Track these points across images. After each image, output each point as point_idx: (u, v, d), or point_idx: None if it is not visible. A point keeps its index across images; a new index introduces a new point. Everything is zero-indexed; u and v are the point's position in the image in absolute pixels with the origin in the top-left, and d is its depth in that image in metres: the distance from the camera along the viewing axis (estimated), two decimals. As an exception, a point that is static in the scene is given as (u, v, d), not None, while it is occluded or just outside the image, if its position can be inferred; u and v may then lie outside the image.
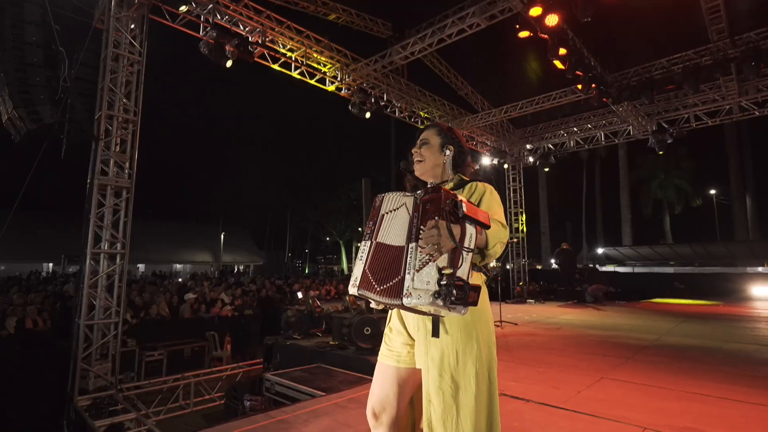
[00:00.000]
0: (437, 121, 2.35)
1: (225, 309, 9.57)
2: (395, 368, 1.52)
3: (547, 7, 6.30)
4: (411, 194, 1.39)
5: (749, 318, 8.18)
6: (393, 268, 1.33)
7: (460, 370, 1.36)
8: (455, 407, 1.34)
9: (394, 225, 1.39)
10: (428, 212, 1.29)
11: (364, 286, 1.41)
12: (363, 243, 1.49)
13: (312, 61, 8.84)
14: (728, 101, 10.28)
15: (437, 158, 1.65)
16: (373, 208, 1.52)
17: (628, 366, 4.23)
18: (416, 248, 1.28)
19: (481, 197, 1.51)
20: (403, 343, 1.53)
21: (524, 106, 11.21)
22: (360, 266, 1.46)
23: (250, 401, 4.89)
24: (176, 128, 39.98)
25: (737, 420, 2.79)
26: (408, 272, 1.27)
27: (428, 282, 1.22)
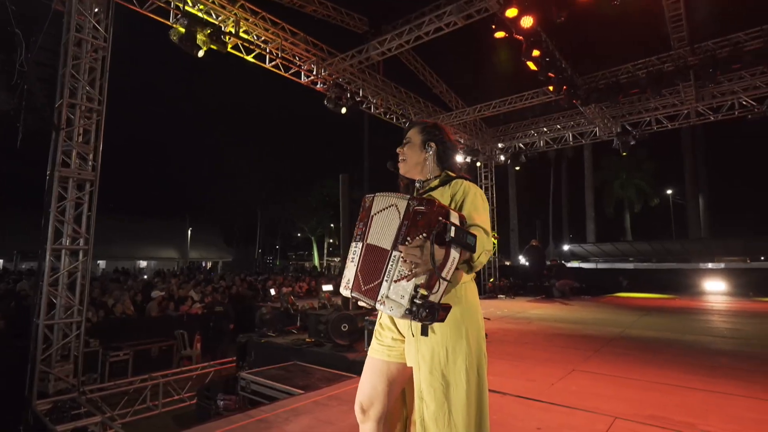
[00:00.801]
0: (422, 119, 2.31)
1: (195, 307, 9.30)
2: (385, 363, 1.52)
3: (523, 8, 6.43)
4: (404, 197, 1.37)
5: (703, 311, 8.70)
6: (377, 269, 1.34)
7: (450, 367, 1.36)
8: (447, 404, 1.35)
9: (384, 225, 1.38)
10: (418, 225, 1.27)
11: (356, 288, 1.42)
12: (354, 244, 1.49)
13: (287, 54, 8.67)
14: (686, 106, 10.85)
15: (419, 156, 1.64)
16: (362, 208, 1.51)
17: (596, 358, 4.41)
18: (398, 258, 1.28)
19: (465, 198, 1.48)
20: (393, 338, 1.53)
21: (497, 105, 11.43)
22: (352, 268, 1.46)
23: (224, 401, 4.78)
24: (143, 119, 38.39)
25: (698, 407, 2.96)
26: (386, 279, 1.29)
27: (402, 296, 1.24)
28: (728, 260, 18.67)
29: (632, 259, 22.22)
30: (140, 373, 6.80)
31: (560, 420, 2.75)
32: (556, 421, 2.73)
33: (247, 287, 12.04)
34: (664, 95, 10.49)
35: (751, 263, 18.15)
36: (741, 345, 5.14)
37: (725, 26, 8.19)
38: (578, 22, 7.57)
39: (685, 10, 7.46)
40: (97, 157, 5.77)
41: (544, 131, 13.33)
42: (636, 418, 2.75)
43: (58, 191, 5.37)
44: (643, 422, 2.67)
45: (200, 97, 46.94)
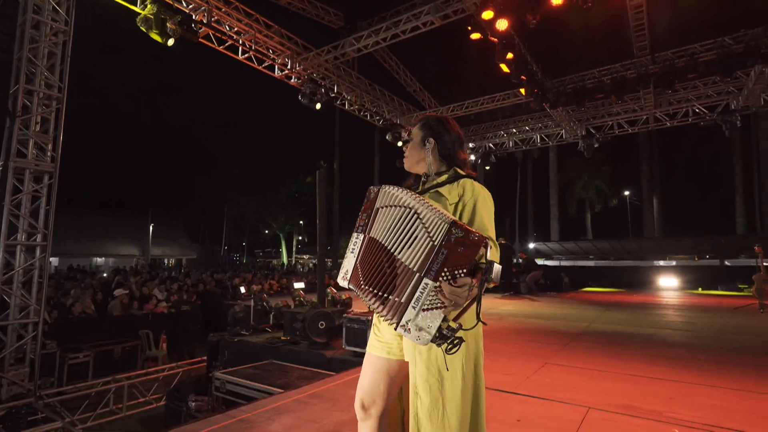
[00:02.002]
0: (426, 114, 2.27)
1: (160, 306, 8.95)
2: (386, 360, 1.51)
3: (499, 11, 6.58)
4: (440, 216, 1.25)
5: (659, 305, 9.23)
6: (389, 280, 1.28)
7: (447, 363, 1.36)
8: (442, 400, 1.35)
9: (399, 231, 1.30)
10: (460, 258, 1.19)
11: (354, 281, 1.40)
12: (355, 235, 1.45)
13: (261, 47, 8.48)
14: (645, 112, 11.45)
15: (419, 153, 1.62)
16: (367, 199, 1.48)
17: (566, 351, 4.59)
18: (431, 287, 1.20)
19: (476, 203, 1.43)
20: (393, 334, 1.52)
21: (470, 105, 11.64)
22: (351, 259, 1.43)
23: (196, 402, 4.64)
24: (105, 109, 36.43)
25: (664, 395, 3.15)
26: (413, 305, 1.21)
27: (430, 326, 1.19)
28: (679, 258, 19.87)
29: (592, 257, 23.23)
30: (102, 375, 6.49)
31: (538, 411, 2.84)
32: (535, 412, 2.83)
33: (216, 285, 11.70)
34: (625, 101, 11.04)
35: (698, 261, 19.40)
36: (695, 337, 5.49)
37: (683, 38, 8.69)
38: (549, 28, 7.84)
39: (647, 21, 7.86)
40: (57, 148, 5.44)
41: (513, 132, 13.71)
42: (608, 407, 2.89)
43: (13, 183, 5.02)
44: (615, 411, 2.81)
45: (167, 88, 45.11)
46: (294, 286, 10.48)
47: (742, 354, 4.50)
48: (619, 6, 7.47)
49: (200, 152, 39.98)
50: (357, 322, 4.36)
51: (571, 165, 29.76)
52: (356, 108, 11.21)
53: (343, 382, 3.53)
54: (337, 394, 3.24)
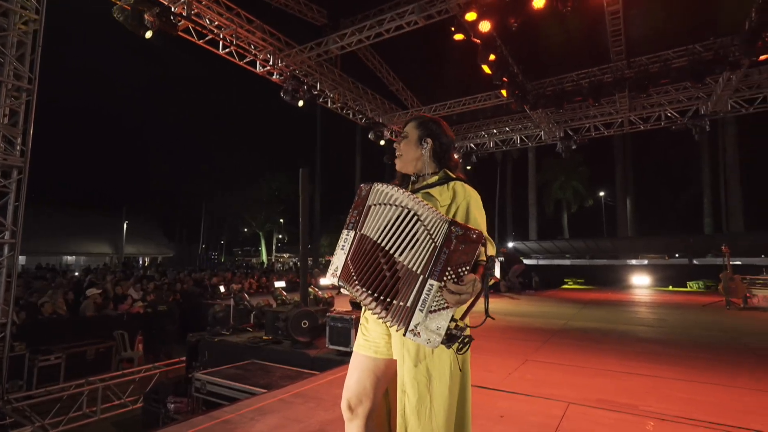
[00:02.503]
0: (420, 113, 2.27)
1: (136, 305, 8.71)
2: (373, 359, 1.50)
3: (482, 13, 6.66)
4: (439, 216, 1.26)
5: (632, 303, 9.54)
6: (393, 283, 1.26)
7: (435, 360, 1.37)
8: (429, 397, 1.35)
9: (397, 231, 1.29)
10: (462, 256, 1.20)
11: (345, 278, 1.38)
12: (346, 232, 1.42)
13: (242, 42, 8.34)
14: (621, 115, 11.79)
15: (415, 152, 1.59)
16: (358, 196, 1.45)
17: (546, 348, 4.70)
18: (436, 288, 1.20)
19: (468, 205, 1.45)
20: (381, 333, 1.51)
21: (452, 105, 11.73)
22: (342, 256, 1.40)
23: (175, 403, 4.54)
24: (78, 101, 35.12)
25: (638, 390, 3.26)
26: (420, 308, 1.20)
27: (439, 328, 1.19)
28: (650, 257, 20.57)
29: (569, 256, 23.80)
30: (74, 377, 6.27)
31: (521, 407, 2.90)
32: (517, 408, 2.89)
33: (194, 284, 11.46)
34: (602, 104, 11.34)
35: (669, 260, 20.13)
36: (667, 333, 5.71)
37: (657, 44, 8.98)
38: (530, 31, 7.98)
39: (624, 26, 8.09)
40: (27, 142, 5.23)
41: (494, 133, 13.90)
42: (586, 402, 2.97)
43: (-20, 178, 4.80)
44: (593, 406, 2.90)
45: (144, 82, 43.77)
46: (275, 285, 10.38)
47: (710, 349, 4.70)
48: (598, 12, 7.67)
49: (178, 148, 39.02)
50: (341, 320, 4.35)
51: (548, 166, 30.39)
52: (339, 106, 11.15)
53: (327, 381, 3.52)
54: (321, 393, 3.23)
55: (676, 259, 19.95)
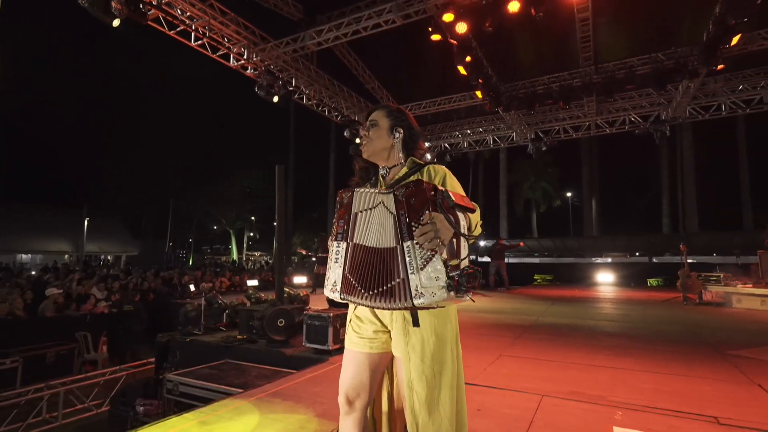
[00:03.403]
0: (386, 103, 2.26)
1: (99, 305, 8.35)
2: (368, 354, 1.51)
3: (459, 14, 6.75)
4: (387, 191, 1.33)
5: (598, 299, 9.94)
6: (386, 271, 1.28)
7: (440, 352, 1.40)
8: (438, 388, 1.38)
9: (374, 225, 1.33)
10: (416, 207, 1.25)
11: (347, 290, 1.37)
12: (336, 244, 1.42)
13: (215, 34, 8.12)
14: (588, 119, 12.24)
15: (386, 140, 1.58)
16: (340, 205, 1.45)
17: (519, 343, 4.84)
18: (413, 246, 1.24)
19: (444, 180, 1.49)
20: (375, 330, 1.52)
21: (427, 105, 11.85)
22: (338, 270, 1.40)
23: (145, 406, 4.39)
24: (36, 93, 33.15)
25: (606, 382, 3.41)
26: (411, 272, 1.23)
27: (437, 278, 1.21)
28: (614, 255, 21.48)
29: (537, 254, 24.52)
30: (33, 382, 5.95)
31: (497, 401, 2.98)
32: (493, 401, 2.96)
33: (162, 283, 11.09)
34: (571, 107, 11.74)
35: (630, 258, 21.07)
36: (631, 328, 5.98)
37: (623, 51, 9.37)
38: (504, 34, 8.16)
39: (593, 33, 8.40)
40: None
41: (467, 133, 14.14)
42: (559, 394, 3.08)
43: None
44: (565, 398, 3.01)
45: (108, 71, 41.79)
46: (247, 283, 10.19)
47: (670, 342, 4.96)
48: (569, 18, 7.93)
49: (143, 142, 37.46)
50: (318, 318, 4.32)
51: (519, 166, 31.20)
52: (314, 103, 11.05)
53: (306, 380, 3.49)
54: (300, 392, 3.21)
55: (637, 257, 20.92)
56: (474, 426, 2.53)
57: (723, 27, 7.15)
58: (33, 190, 31.25)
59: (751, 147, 23.44)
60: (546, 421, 2.59)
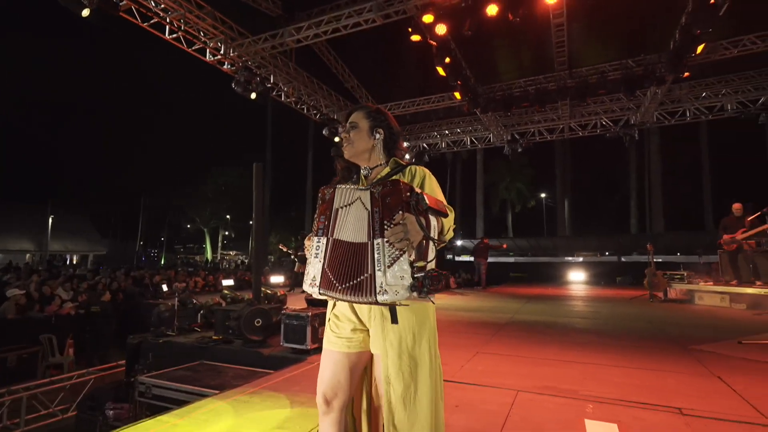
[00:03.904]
0: (366, 103, 2.28)
1: (66, 306, 8.02)
2: (346, 354, 1.51)
3: (438, 16, 6.82)
4: (365, 188, 1.37)
5: (570, 297, 10.24)
6: (356, 265, 1.31)
7: (416, 348, 1.41)
8: (414, 384, 1.40)
9: (350, 220, 1.36)
10: (390, 206, 1.28)
11: (326, 285, 1.38)
12: (317, 239, 1.43)
13: (191, 28, 7.93)
14: (562, 122, 12.57)
15: (367, 142, 1.59)
16: (322, 201, 1.46)
17: (495, 341, 4.93)
18: (383, 244, 1.27)
19: (423, 181, 1.52)
20: (353, 329, 1.52)
21: (407, 105, 11.90)
22: (317, 264, 1.40)
23: (115, 410, 4.26)
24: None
25: (578, 377, 3.52)
26: (378, 269, 1.26)
27: (402, 277, 1.24)
28: (585, 255, 22.17)
29: (512, 254, 25.04)
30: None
31: (474, 396, 3.04)
32: (471, 397, 3.02)
33: (133, 283, 10.74)
34: (546, 110, 12.03)
35: (601, 257, 21.80)
36: (601, 325, 6.19)
37: (596, 57, 9.68)
38: (482, 37, 8.28)
39: (567, 39, 8.63)
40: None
41: (446, 134, 14.28)
42: (533, 389, 3.17)
43: None
44: (540, 393, 3.10)
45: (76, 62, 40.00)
46: (222, 283, 9.99)
47: (638, 338, 5.17)
48: (544, 23, 8.13)
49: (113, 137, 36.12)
50: (296, 318, 4.29)
51: (495, 167, 31.76)
52: (293, 100, 10.93)
53: (284, 379, 3.47)
54: (278, 392, 3.18)
55: (607, 256, 21.67)
56: (452, 421, 2.57)
57: (688, 36, 7.47)
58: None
59: (713, 152, 24.67)
60: (521, 416, 2.66)
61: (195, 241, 43.80)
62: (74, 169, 34.25)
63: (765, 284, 7.04)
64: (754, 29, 8.50)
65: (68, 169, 34.21)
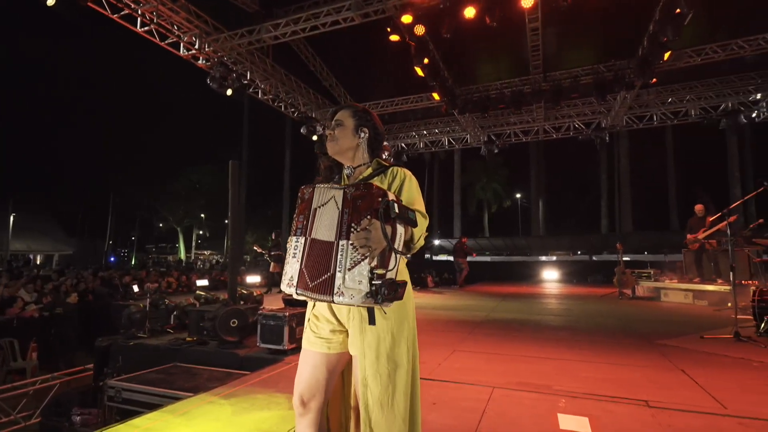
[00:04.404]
0: (352, 102, 2.26)
1: (28, 309, 7.67)
2: (325, 355, 1.50)
3: (417, 17, 6.86)
4: (340, 187, 1.36)
5: (544, 295, 10.49)
6: (323, 263, 1.31)
7: (396, 350, 1.41)
8: (392, 387, 1.39)
9: (324, 219, 1.36)
10: (360, 210, 1.28)
11: (302, 285, 1.36)
12: (295, 239, 1.42)
13: (164, 21, 7.71)
14: (537, 124, 12.86)
15: (351, 140, 1.59)
16: (301, 200, 1.45)
17: (471, 339, 5.01)
18: (347, 246, 1.27)
19: (402, 184, 1.52)
20: (332, 330, 1.51)
21: (385, 105, 11.92)
22: (295, 264, 1.39)
23: (82, 415, 4.10)
24: None
25: (551, 373, 3.62)
26: (339, 270, 1.26)
27: (360, 281, 1.24)
28: (558, 254, 22.77)
29: (488, 253, 25.45)
30: (-51, 394, 5.37)
31: (451, 394, 3.08)
32: (448, 395, 3.06)
33: (102, 284, 10.36)
34: (521, 112, 12.29)
35: (573, 256, 22.44)
36: (573, 322, 6.38)
37: (569, 61, 9.94)
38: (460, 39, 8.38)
39: (542, 43, 8.84)
40: None
41: (424, 134, 14.39)
42: (508, 386, 3.24)
43: None
44: (514, 389, 3.17)
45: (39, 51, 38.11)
46: (197, 283, 9.77)
47: (607, 334, 5.35)
48: (520, 27, 8.29)
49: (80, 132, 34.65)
50: (273, 318, 4.24)
51: (472, 168, 32.21)
52: (270, 98, 10.78)
53: (261, 380, 3.42)
54: (255, 393, 3.13)
55: (579, 255, 22.32)
56: (430, 419, 2.60)
57: (656, 44, 7.78)
58: (-54, 182, 28.05)
59: (678, 155, 25.76)
60: (497, 412, 2.71)
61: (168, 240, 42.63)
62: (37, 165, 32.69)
63: (725, 282, 7.40)
64: (716, 39, 8.93)
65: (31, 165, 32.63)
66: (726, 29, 8.82)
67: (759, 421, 2.50)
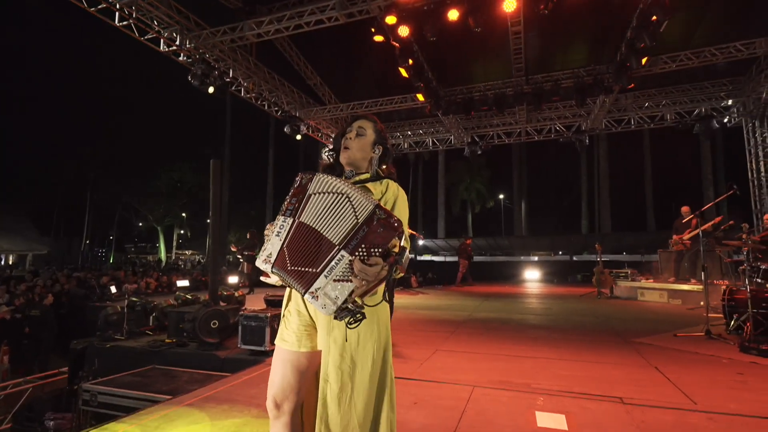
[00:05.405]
0: (373, 116, 2.27)
1: (0, 310, 7.41)
2: (296, 353, 1.50)
3: (401, 18, 6.88)
4: (368, 196, 1.33)
5: (525, 295, 10.66)
6: (312, 256, 1.30)
7: (359, 350, 1.42)
8: (351, 385, 1.40)
9: (329, 211, 1.33)
10: (377, 236, 1.25)
11: (280, 264, 1.36)
12: (282, 218, 1.40)
13: (143, 16, 7.55)
14: (519, 126, 13.05)
15: (367, 153, 1.64)
16: (297, 184, 1.44)
17: (453, 338, 5.06)
18: (346, 260, 1.25)
19: (395, 202, 1.54)
20: (301, 324, 1.52)
21: (369, 105, 11.92)
22: (277, 242, 1.38)
23: (55, 420, 3.99)
24: None
25: (530, 371, 3.69)
26: (326, 275, 1.26)
27: (337, 297, 1.24)
28: (540, 254, 23.15)
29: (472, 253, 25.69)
30: None
31: (432, 393, 3.11)
32: (429, 394, 3.08)
33: (78, 284, 10.08)
34: (504, 114, 12.44)
35: (554, 256, 22.85)
36: (552, 321, 6.50)
37: (550, 65, 10.12)
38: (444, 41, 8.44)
39: (524, 47, 8.97)
40: None
41: (408, 134, 14.44)
42: (488, 384, 3.29)
43: None
44: (494, 387, 3.22)
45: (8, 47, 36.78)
46: (177, 284, 9.60)
47: (586, 332, 5.47)
48: (503, 30, 8.40)
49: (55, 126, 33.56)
50: (255, 319, 4.21)
51: (456, 168, 32.46)
52: (253, 96, 10.66)
53: (242, 382, 3.39)
54: (235, 395, 3.11)
55: (560, 255, 22.74)
56: (410, 418, 2.62)
57: (633, 50, 7.98)
58: None
59: (654, 158, 26.49)
60: (476, 410, 2.75)
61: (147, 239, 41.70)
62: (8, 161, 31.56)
63: (699, 282, 7.64)
64: (688, 46, 9.22)
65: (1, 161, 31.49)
66: (700, 36, 9.12)
67: (727, 416, 2.60)
